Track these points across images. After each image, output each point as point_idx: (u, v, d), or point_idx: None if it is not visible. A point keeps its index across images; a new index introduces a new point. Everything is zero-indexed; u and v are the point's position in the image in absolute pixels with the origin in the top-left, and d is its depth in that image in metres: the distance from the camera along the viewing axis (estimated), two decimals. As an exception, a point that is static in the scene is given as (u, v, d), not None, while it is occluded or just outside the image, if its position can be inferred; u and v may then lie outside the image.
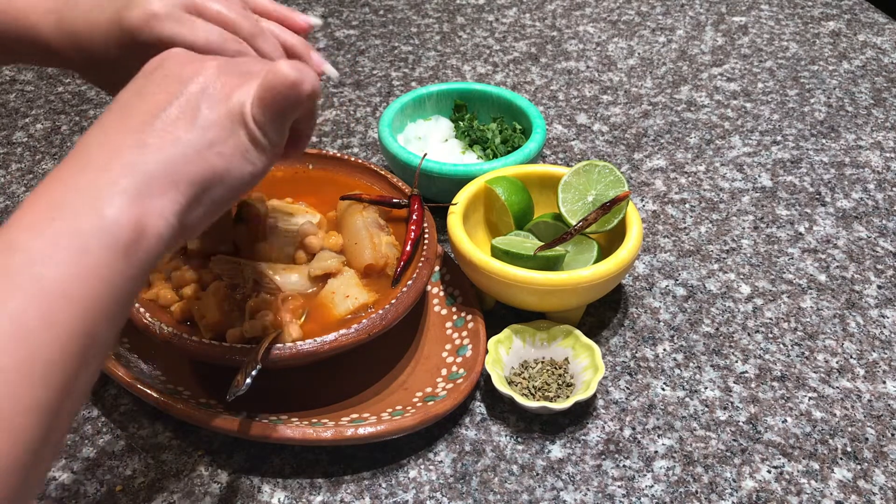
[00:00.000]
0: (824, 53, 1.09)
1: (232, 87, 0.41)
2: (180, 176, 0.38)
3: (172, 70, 0.41)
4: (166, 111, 0.39)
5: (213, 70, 0.41)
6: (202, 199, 0.40)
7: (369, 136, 0.93)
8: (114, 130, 0.39)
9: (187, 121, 0.39)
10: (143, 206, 0.36)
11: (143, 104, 0.40)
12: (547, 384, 0.61)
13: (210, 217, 0.41)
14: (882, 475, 0.57)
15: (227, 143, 0.40)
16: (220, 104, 0.40)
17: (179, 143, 0.38)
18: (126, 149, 0.37)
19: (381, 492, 0.56)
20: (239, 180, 0.41)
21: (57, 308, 0.32)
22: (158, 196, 0.37)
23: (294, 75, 0.40)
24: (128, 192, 0.36)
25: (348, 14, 1.20)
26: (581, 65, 1.07)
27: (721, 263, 0.75)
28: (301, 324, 0.59)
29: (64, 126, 0.95)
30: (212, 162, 0.39)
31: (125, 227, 0.35)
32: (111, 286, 0.34)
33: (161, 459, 0.58)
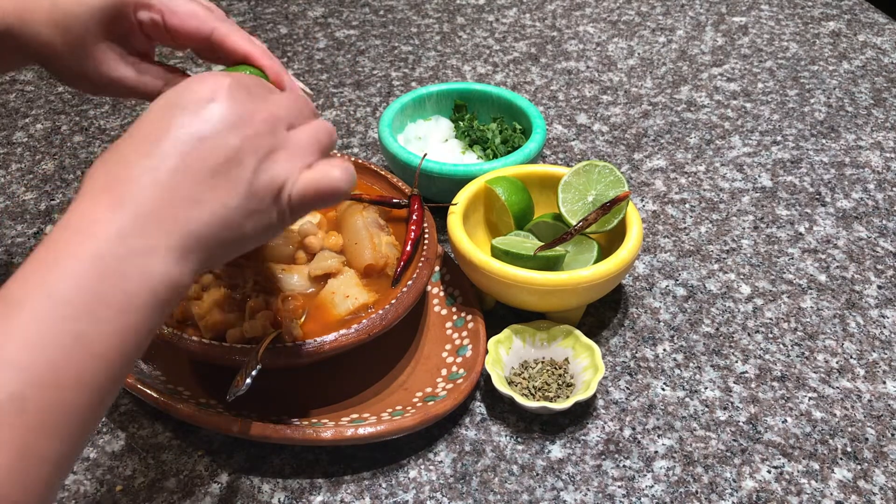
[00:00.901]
0: (824, 53, 1.09)
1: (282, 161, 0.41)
2: (216, 240, 0.39)
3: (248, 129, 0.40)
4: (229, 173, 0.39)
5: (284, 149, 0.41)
6: (223, 257, 0.41)
7: (369, 136, 0.93)
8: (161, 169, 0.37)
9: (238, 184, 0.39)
10: (184, 265, 0.37)
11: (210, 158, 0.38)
12: (547, 384, 0.61)
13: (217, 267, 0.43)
14: (882, 475, 0.57)
15: (262, 217, 0.40)
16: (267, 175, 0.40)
17: (225, 209, 0.38)
18: (180, 201, 0.37)
19: (381, 492, 0.56)
20: (251, 246, 0.42)
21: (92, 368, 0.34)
22: (196, 255, 0.38)
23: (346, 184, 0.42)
24: (175, 250, 0.37)
25: (348, 14, 1.20)
26: (581, 65, 1.07)
27: (721, 263, 0.75)
28: (301, 324, 0.59)
29: (64, 126, 0.95)
30: (243, 231, 0.40)
31: (167, 287, 0.36)
32: (141, 339, 0.36)
33: (161, 459, 0.58)
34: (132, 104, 0.99)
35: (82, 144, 0.91)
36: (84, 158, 0.89)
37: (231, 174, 0.39)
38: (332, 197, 0.42)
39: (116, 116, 0.97)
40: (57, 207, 0.82)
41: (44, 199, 0.83)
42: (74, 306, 0.34)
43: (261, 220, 0.40)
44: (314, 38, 1.13)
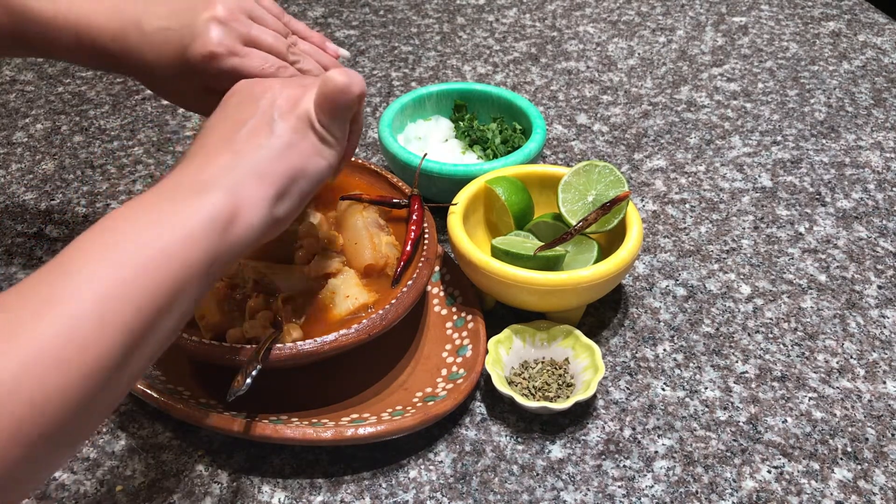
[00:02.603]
0: (824, 54, 1.09)
1: (296, 98, 0.49)
2: (267, 173, 0.45)
3: (244, 94, 0.50)
4: (247, 124, 0.47)
5: (278, 86, 0.49)
6: (290, 192, 0.47)
7: (369, 136, 0.93)
8: (207, 145, 0.47)
9: (266, 130, 0.47)
10: (237, 195, 0.43)
11: (227, 124, 0.48)
12: (547, 384, 0.61)
13: (297, 207, 0.48)
14: (882, 475, 0.57)
15: (302, 144, 0.48)
16: (290, 113, 0.48)
17: (263, 148, 0.46)
18: (219, 156, 0.45)
19: (382, 492, 0.56)
20: (317, 173, 0.49)
21: (155, 262, 0.38)
22: (251, 189, 0.44)
23: (344, 80, 0.48)
24: (225, 186, 0.43)
25: (348, 14, 1.20)
26: (581, 65, 1.07)
27: (721, 263, 0.75)
28: (301, 324, 0.59)
29: (64, 126, 0.95)
30: (292, 160, 0.47)
31: (223, 209, 0.42)
32: (204, 254, 0.41)
33: (161, 459, 0.58)
34: (132, 104, 0.99)
35: (82, 144, 0.91)
36: (84, 158, 0.89)
37: (251, 126, 0.47)
38: (344, 94, 0.48)
39: (116, 117, 0.97)
40: (57, 207, 0.82)
41: (44, 199, 0.83)
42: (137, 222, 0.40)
43: (304, 147, 0.48)
44: (314, 38, 1.13)
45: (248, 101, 0.49)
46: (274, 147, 0.46)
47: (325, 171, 0.49)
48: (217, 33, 0.53)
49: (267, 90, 0.49)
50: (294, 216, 0.49)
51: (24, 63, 1.08)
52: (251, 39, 0.55)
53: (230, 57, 0.53)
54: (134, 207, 0.41)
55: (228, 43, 0.53)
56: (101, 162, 0.89)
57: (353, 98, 0.49)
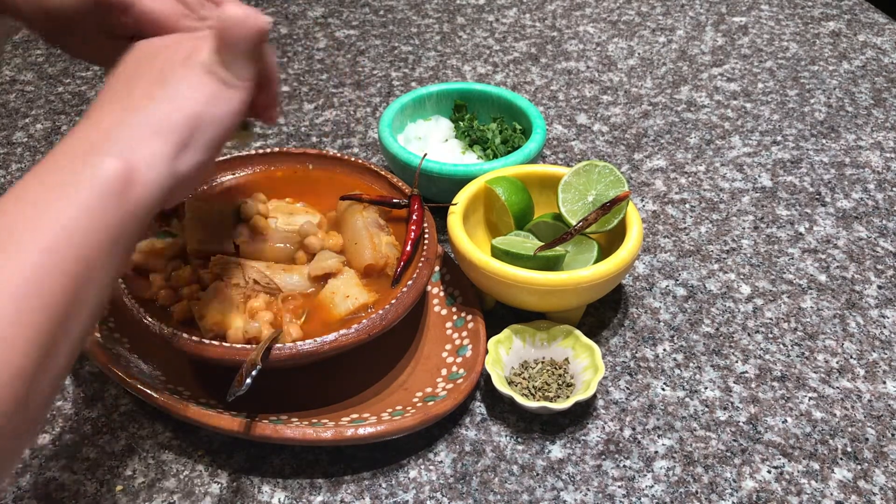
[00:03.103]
0: (824, 53, 1.09)
1: (192, 48, 0.46)
2: (163, 126, 0.42)
3: (137, 54, 0.47)
4: (140, 81, 0.44)
5: (171, 42, 0.47)
6: (193, 142, 0.44)
7: (369, 136, 0.93)
8: (100, 105, 0.44)
9: (160, 84, 0.44)
10: (129, 157, 0.40)
11: (122, 81, 0.45)
12: (547, 384, 0.61)
13: (205, 159, 0.45)
14: (882, 475, 0.57)
15: (200, 90, 0.45)
16: (185, 62, 0.45)
17: (156, 100, 0.43)
18: (111, 114, 0.43)
19: (381, 492, 0.56)
20: (220, 119, 0.45)
21: (58, 239, 0.36)
22: (144, 147, 0.41)
23: (241, 12, 0.45)
24: (116, 146, 0.40)
25: (348, 14, 1.20)
26: (581, 65, 1.07)
27: (721, 263, 0.75)
28: (301, 324, 0.59)
29: (64, 126, 0.95)
30: (188, 107, 0.44)
31: (116, 174, 0.39)
32: (107, 225, 0.38)
33: (161, 459, 0.58)
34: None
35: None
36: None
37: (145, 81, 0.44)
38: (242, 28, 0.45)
39: (116, 116, 0.96)
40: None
41: (44, 199, 0.83)
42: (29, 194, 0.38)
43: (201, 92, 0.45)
44: (314, 38, 1.13)
45: (144, 58, 0.46)
46: (168, 97, 0.44)
47: (230, 116, 0.46)
48: None
49: (164, 47, 0.47)
50: (204, 169, 0.46)
51: (24, 63, 1.08)
52: None
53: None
54: (27, 184, 0.39)
55: None
56: (101, 162, 0.89)
57: (252, 31, 0.46)
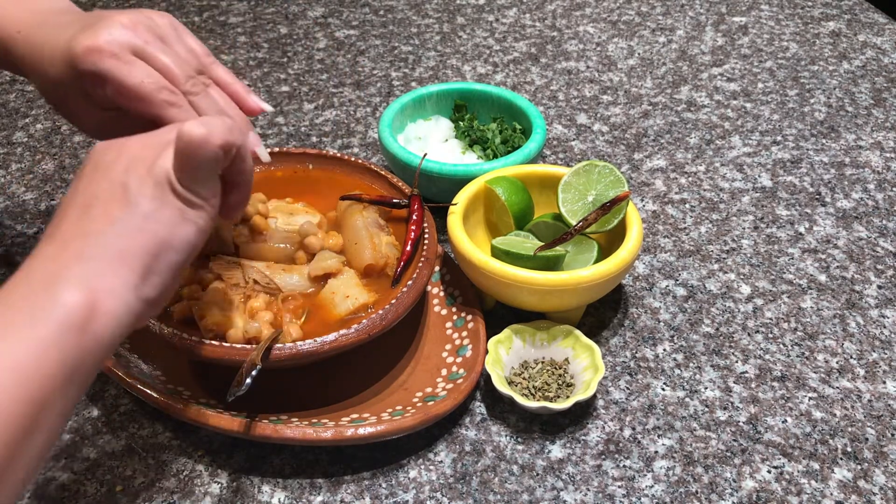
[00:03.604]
0: (824, 53, 1.09)
1: (153, 158, 0.43)
2: (126, 253, 0.40)
3: (97, 160, 0.44)
4: (99, 197, 0.42)
5: (134, 146, 0.44)
6: (155, 269, 0.42)
7: (369, 136, 0.93)
8: (58, 227, 0.41)
9: (120, 200, 0.41)
10: (93, 287, 0.38)
11: (79, 199, 0.42)
12: (547, 384, 0.61)
13: (170, 283, 0.43)
14: (882, 475, 0.57)
15: (163, 211, 0.42)
16: (146, 176, 0.42)
17: (118, 223, 0.41)
18: (71, 239, 0.40)
19: (381, 492, 0.56)
20: (185, 241, 0.43)
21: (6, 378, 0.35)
22: (108, 277, 0.39)
23: (200, 132, 0.42)
24: (78, 276, 0.38)
25: (348, 14, 1.20)
26: (581, 65, 1.07)
27: (721, 263, 0.75)
28: (301, 324, 0.59)
29: (64, 126, 0.95)
30: (153, 231, 0.42)
31: (76, 307, 0.37)
32: (64, 360, 0.37)
33: (161, 459, 0.58)
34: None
35: (82, 144, 0.91)
36: (84, 159, 0.89)
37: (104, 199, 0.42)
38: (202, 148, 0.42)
39: (116, 116, 0.97)
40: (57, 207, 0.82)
41: (44, 199, 0.83)
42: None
43: (165, 214, 0.42)
44: (314, 38, 1.13)
45: (101, 168, 0.43)
46: (130, 221, 0.41)
47: (196, 237, 0.44)
48: (108, 31, 0.48)
49: (122, 153, 0.43)
50: (171, 291, 0.44)
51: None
52: (145, 54, 0.50)
53: (111, 58, 0.48)
54: None
55: (116, 45, 0.48)
56: (101, 162, 0.89)
57: (213, 152, 0.42)
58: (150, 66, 0.50)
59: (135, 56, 0.49)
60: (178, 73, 0.50)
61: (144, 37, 0.50)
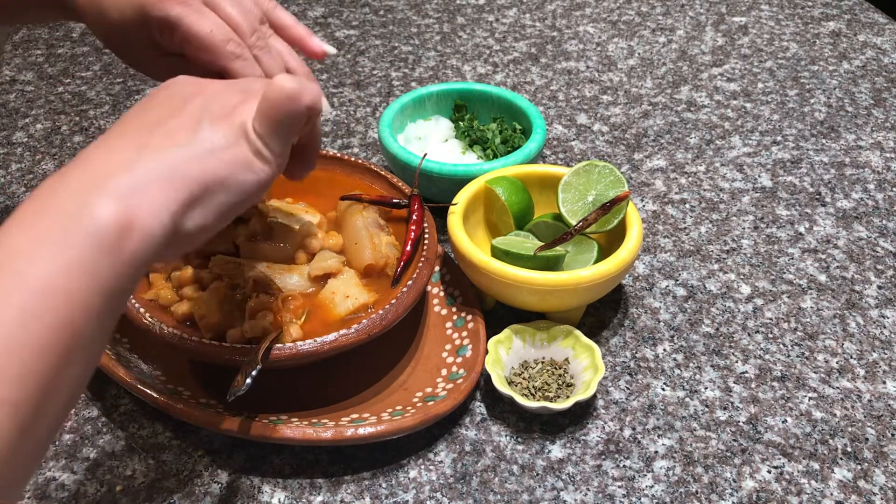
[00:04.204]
0: (824, 53, 1.09)
1: (234, 105, 0.42)
2: (177, 176, 0.38)
3: (176, 90, 0.42)
4: (168, 122, 0.40)
5: (216, 88, 0.43)
6: (202, 202, 0.39)
7: (369, 136, 0.93)
8: (115, 136, 0.39)
9: (188, 130, 0.40)
10: (132, 203, 0.36)
11: (145, 117, 0.40)
12: (547, 384, 0.61)
13: (212, 224, 0.41)
14: (882, 475, 0.57)
15: (229, 151, 0.40)
16: (222, 120, 0.41)
17: (179, 147, 0.39)
18: (124, 148, 0.38)
19: (381, 492, 0.56)
20: (241, 188, 0.41)
21: (35, 301, 0.32)
22: (152, 194, 0.37)
23: (293, 87, 0.41)
24: (118, 189, 0.36)
25: (348, 14, 1.20)
26: (581, 65, 1.07)
27: (721, 263, 0.75)
28: (301, 324, 0.59)
29: (64, 126, 0.95)
30: (212, 166, 0.39)
31: (110, 224, 0.35)
32: (95, 282, 0.34)
33: (161, 459, 0.58)
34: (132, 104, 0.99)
35: (82, 144, 0.91)
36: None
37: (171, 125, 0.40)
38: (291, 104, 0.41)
39: (116, 116, 0.97)
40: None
41: (44, 199, 0.83)
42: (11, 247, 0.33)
43: (231, 155, 0.40)
44: (314, 38, 1.13)
45: (176, 99, 0.42)
46: (192, 149, 0.39)
47: (253, 189, 0.42)
48: None
49: (201, 91, 0.42)
50: (208, 235, 0.41)
51: (23, 63, 1.08)
52: (213, 3, 0.50)
53: (180, 5, 0.48)
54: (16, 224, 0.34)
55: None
56: (101, 162, 0.89)
57: (300, 108, 0.42)
58: (217, 16, 0.50)
59: (204, 4, 0.50)
60: (243, 24, 0.50)
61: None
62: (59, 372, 0.32)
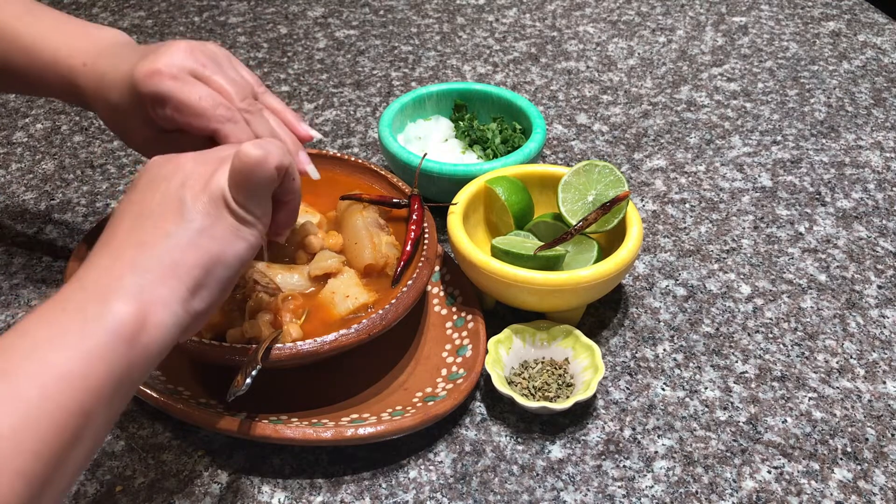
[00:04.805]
0: (824, 53, 1.09)
1: (209, 174, 0.44)
2: (179, 266, 0.41)
3: (154, 173, 0.45)
4: (154, 209, 0.43)
5: (190, 162, 0.45)
6: (206, 283, 0.43)
7: (369, 136, 0.93)
8: (113, 236, 0.43)
9: (175, 214, 0.43)
10: (144, 299, 0.39)
11: (134, 209, 0.44)
12: (547, 384, 0.61)
13: (218, 298, 0.44)
14: (882, 475, 0.57)
15: (217, 227, 0.44)
16: (201, 193, 0.44)
17: (172, 237, 0.42)
18: (125, 249, 0.42)
19: (381, 492, 0.56)
20: (236, 257, 0.45)
21: (55, 386, 0.35)
22: (160, 288, 0.40)
23: (257, 154, 0.44)
24: (130, 287, 0.39)
25: (348, 14, 1.20)
26: (581, 65, 1.07)
27: (721, 263, 0.75)
28: (301, 324, 0.59)
29: (64, 126, 0.95)
30: (206, 247, 0.43)
31: (128, 319, 0.38)
32: (111, 371, 0.37)
33: (161, 459, 0.58)
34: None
35: (82, 144, 0.92)
36: (84, 158, 0.89)
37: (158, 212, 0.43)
38: (258, 169, 0.44)
39: (116, 116, 0.97)
40: (57, 207, 0.82)
41: (44, 199, 0.83)
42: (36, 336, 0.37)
43: (219, 230, 0.44)
44: (314, 38, 1.13)
45: (157, 181, 0.45)
46: (184, 235, 0.42)
47: (246, 253, 0.45)
48: (168, 56, 0.52)
49: (178, 168, 0.45)
50: (218, 305, 0.45)
51: (24, 63, 1.08)
52: (202, 76, 0.52)
53: (170, 80, 0.51)
54: (36, 320, 0.38)
55: (175, 67, 0.51)
56: (101, 162, 0.89)
57: (268, 173, 0.45)
58: (207, 87, 0.52)
59: (193, 77, 0.52)
60: (233, 93, 0.53)
61: (202, 60, 0.53)
62: (70, 449, 0.35)
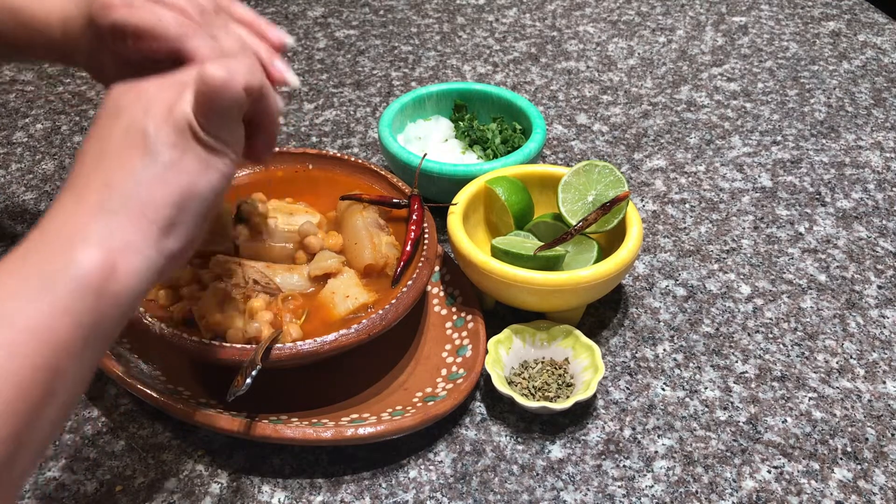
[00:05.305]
0: (824, 53, 1.09)
1: (173, 100, 0.41)
2: (147, 206, 0.38)
3: (114, 103, 0.42)
4: (117, 144, 0.40)
5: (153, 87, 0.42)
6: (179, 220, 0.40)
7: (369, 136, 0.93)
8: (79, 176, 0.40)
9: (139, 148, 0.39)
10: (112, 245, 0.37)
11: (97, 145, 0.40)
12: (547, 384, 0.61)
13: (194, 232, 0.41)
14: (882, 475, 0.57)
15: (185, 159, 0.40)
16: (165, 122, 0.40)
17: (138, 173, 0.39)
18: (89, 191, 0.38)
19: (381, 492, 0.56)
20: (209, 189, 0.41)
21: (19, 342, 0.33)
22: (129, 232, 0.38)
23: (220, 75, 0.40)
24: (96, 234, 0.37)
25: (348, 14, 1.20)
26: (581, 65, 1.07)
27: (721, 263, 0.75)
28: (301, 324, 0.59)
29: (64, 126, 0.95)
30: (175, 182, 0.40)
31: (94, 268, 0.36)
32: (80, 324, 0.35)
33: (161, 459, 0.58)
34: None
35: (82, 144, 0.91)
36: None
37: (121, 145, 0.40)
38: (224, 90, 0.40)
39: (116, 116, 0.96)
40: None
41: (44, 199, 0.83)
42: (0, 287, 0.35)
43: (188, 162, 0.40)
44: (314, 38, 1.13)
45: (118, 111, 0.41)
46: (150, 171, 0.39)
47: (219, 183, 0.42)
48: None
49: (140, 95, 0.41)
50: (197, 240, 0.42)
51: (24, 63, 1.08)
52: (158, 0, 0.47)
53: (123, 7, 0.46)
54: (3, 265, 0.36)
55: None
56: (101, 162, 0.89)
57: (235, 95, 0.41)
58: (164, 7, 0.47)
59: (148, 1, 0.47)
60: (193, 10, 0.47)
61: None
62: (42, 407, 0.34)
